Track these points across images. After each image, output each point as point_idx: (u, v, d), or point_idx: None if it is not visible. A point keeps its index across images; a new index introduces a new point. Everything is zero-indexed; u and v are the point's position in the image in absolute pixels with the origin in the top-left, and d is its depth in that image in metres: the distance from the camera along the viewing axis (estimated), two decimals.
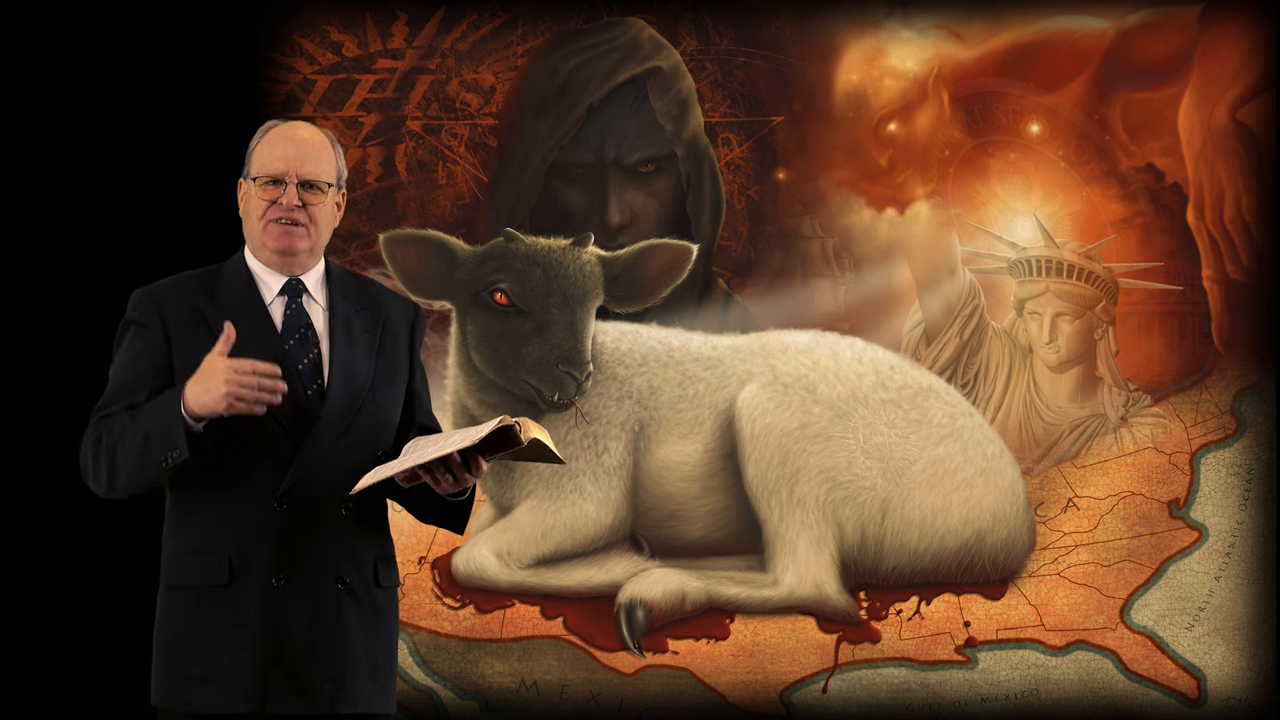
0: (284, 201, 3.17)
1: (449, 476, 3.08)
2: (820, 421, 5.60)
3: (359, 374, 3.20)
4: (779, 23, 5.80)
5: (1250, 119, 5.71)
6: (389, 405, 3.25)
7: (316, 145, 3.22)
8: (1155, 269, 5.75)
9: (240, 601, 3.11)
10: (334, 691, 3.14)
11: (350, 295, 3.28)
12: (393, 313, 3.31)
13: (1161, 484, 5.71)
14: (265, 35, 5.74)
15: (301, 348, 3.19)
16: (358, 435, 3.18)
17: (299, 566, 3.12)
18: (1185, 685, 5.60)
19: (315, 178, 3.19)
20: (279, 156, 3.18)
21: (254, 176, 3.20)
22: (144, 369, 3.14)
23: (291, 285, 3.23)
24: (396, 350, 3.30)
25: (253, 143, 3.24)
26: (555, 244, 5.56)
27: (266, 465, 3.11)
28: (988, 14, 5.78)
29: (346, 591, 3.15)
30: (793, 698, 5.61)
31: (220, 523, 3.12)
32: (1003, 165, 5.80)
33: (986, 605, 5.64)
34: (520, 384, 5.52)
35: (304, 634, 3.12)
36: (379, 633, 3.21)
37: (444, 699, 5.62)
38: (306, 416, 3.14)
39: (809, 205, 5.80)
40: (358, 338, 3.23)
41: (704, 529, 5.69)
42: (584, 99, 5.77)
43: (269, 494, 3.11)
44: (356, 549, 3.17)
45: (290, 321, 3.21)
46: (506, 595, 5.64)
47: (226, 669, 3.10)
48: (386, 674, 3.23)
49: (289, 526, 3.12)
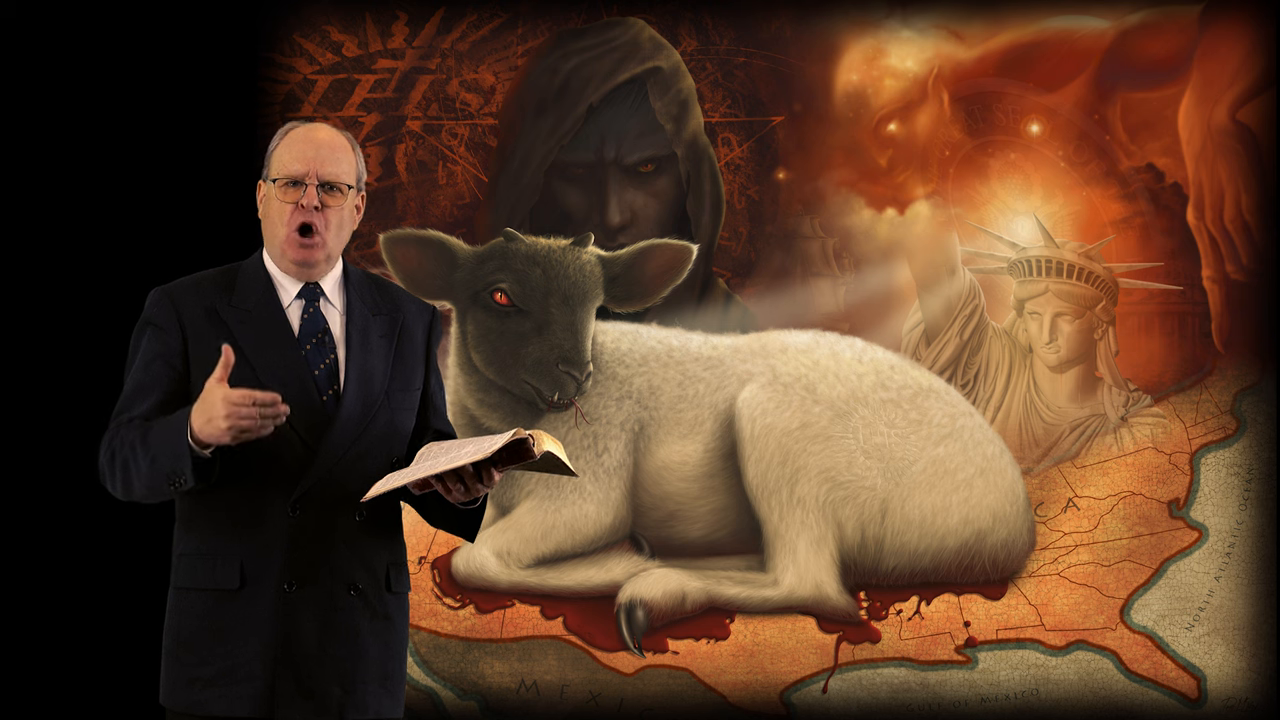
0: (304, 203, 3.16)
1: (460, 486, 3.08)
2: (820, 421, 5.60)
3: (375, 380, 3.19)
4: (779, 23, 5.80)
5: (1250, 119, 5.71)
6: (404, 412, 3.24)
7: (337, 147, 3.20)
8: (1155, 269, 5.75)
9: (252, 606, 3.10)
10: (344, 697, 3.13)
11: (368, 299, 3.26)
12: (410, 317, 3.30)
13: (1161, 484, 5.71)
14: (265, 35, 5.74)
15: (318, 352, 3.18)
16: (372, 442, 3.17)
17: (312, 572, 3.11)
18: (1185, 685, 5.60)
19: (335, 179, 3.18)
20: (299, 157, 3.17)
21: (274, 178, 3.18)
22: (160, 371, 3.13)
23: (309, 289, 3.22)
24: (413, 355, 3.29)
25: (272, 144, 3.22)
26: (555, 244, 5.57)
27: (281, 470, 3.10)
28: (988, 14, 5.78)
29: (359, 598, 3.15)
30: (793, 698, 5.61)
31: (233, 527, 3.11)
32: (1003, 165, 5.80)
33: (986, 605, 5.64)
34: (520, 384, 5.53)
35: (315, 640, 3.11)
36: (389, 639, 3.20)
37: (444, 699, 5.62)
38: (322, 422, 3.13)
39: (809, 205, 5.80)
40: (374, 343, 3.22)
41: (704, 529, 5.69)
42: (584, 99, 5.77)
43: (283, 499, 3.10)
44: (369, 555, 3.17)
45: (307, 326, 3.20)
46: (506, 595, 5.64)
47: (237, 673, 3.09)
48: (396, 680, 3.22)
49: (303, 532, 3.11)
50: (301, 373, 3.14)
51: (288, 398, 3.06)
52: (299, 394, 3.11)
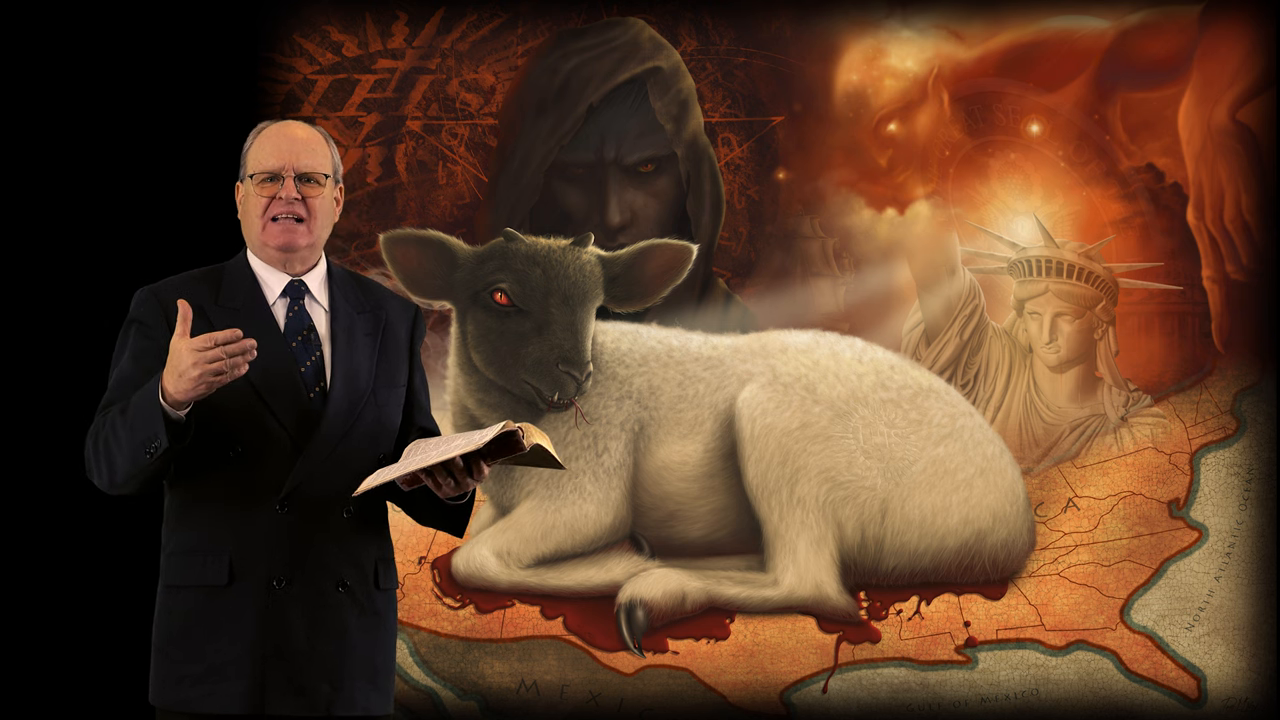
0: (283, 195, 3.17)
1: (450, 480, 3.08)
2: (820, 421, 5.60)
3: (361, 377, 3.20)
4: (779, 23, 5.80)
5: (1250, 119, 5.71)
6: (390, 409, 3.24)
7: (311, 140, 3.22)
8: (1155, 269, 5.75)
9: (240, 603, 3.11)
10: (332, 694, 3.14)
11: (352, 297, 3.27)
12: (393, 314, 3.31)
13: (1161, 484, 5.71)
14: (265, 35, 5.74)
15: (305, 350, 3.19)
16: (360, 439, 3.17)
17: (300, 569, 3.12)
18: (1185, 685, 5.60)
19: (312, 170, 3.19)
20: (273, 152, 3.18)
21: (250, 174, 3.20)
22: (148, 366, 3.14)
23: (294, 287, 3.22)
24: (397, 353, 3.29)
25: (246, 144, 3.24)
26: (555, 244, 5.56)
27: (268, 467, 3.11)
28: (988, 14, 5.78)
29: (347, 595, 3.15)
30: (793, 698, 5.61)
31: (221, 524, 3.12)
32: (1003, 165, 5.80)
33: (986, 605, 5.64)
34: (520, 384, 5.52)
35: (304, 637, 3.12)
36: (378, 635, 3.21)
37: (444, 699, 5.62)
38: (309, 420, 3.14)
39: (809, 205, 5.80)
40: (359, 341, 3.23)
41: (704, 529, 5.69)
42: (584, 99, 5.77)
43: (270, 496, 3.11)
44: (357, 552, 3.18)
45: (293, 323, 3.20)
46: (506, 595, 5.64)
47: (225, 670, 3.10)
48: (385, 676, 3.23)
49: (290, 529, 3.12)
50: (289, 369, 3.15)
51: (276, 394, 3.08)
52: (287, 391, 3.13)
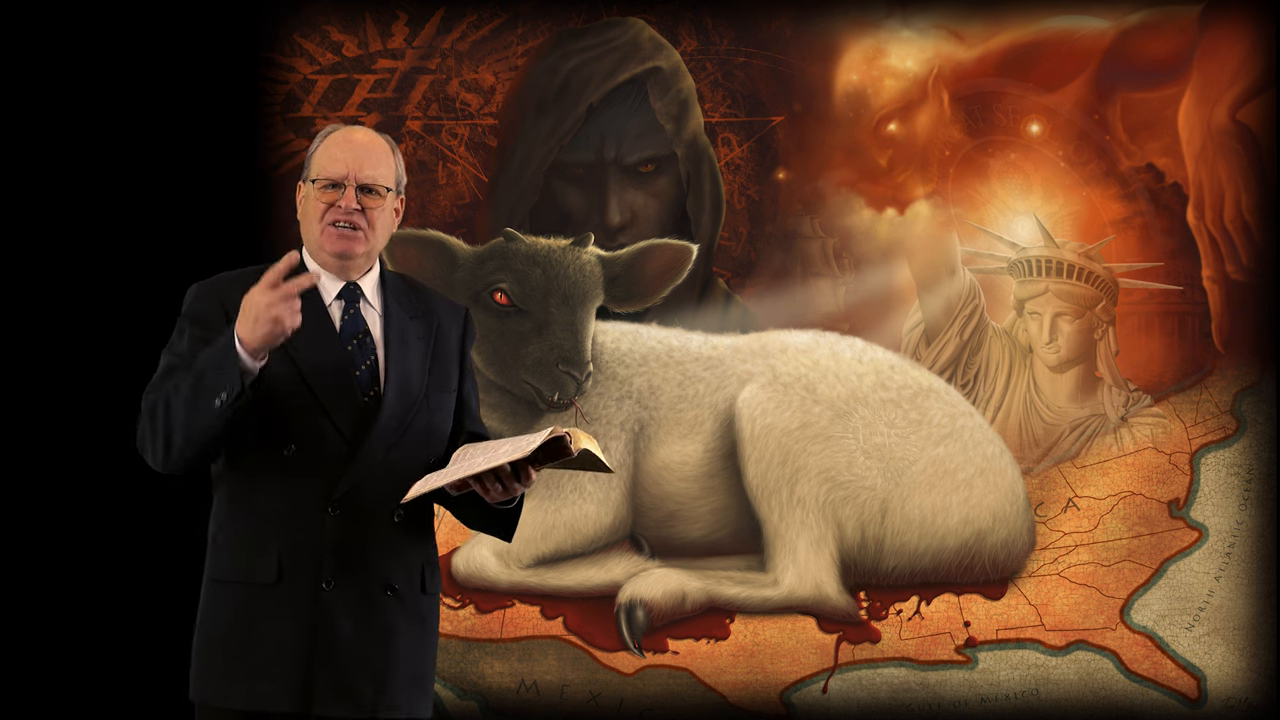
0: (343, 204, 3.18)
1: (498, 486, 3.09)
2: (820, 421, 5.60)
3: (413, 382, 3.21)
4: (779, 23, 5.80)
5: (1250, 119, 5.71)
6: (442, 414, 3.26)
7: (376, 149, 3.22)
8: (1155, 269, 5.75)
9: (288, 601, 3.11)
10: (377, 696, 3.15)
11: (405, 302, 3.29)
12: (445, 319, 3.32)
13: (1161, 484, 5.71)
14: (265, 35, 5.74)
15: (360, 353, 3.20)
16: (411, 444, 3.19)
17: (349, 571, 3.13)
18: (1185, 685, 5.60)
19: (374, 181, 3.20)
20: (338, 159, 3.19)
21: (313, 179, 3.21)
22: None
23: (349, 290, 3.24)
24: (448, 357, 3.30)
25: (312, 146, 3.25)
26: (555, 244, 5.57)
27: (321, 468, 3.12)
28: (988, 14, 5.78)
29: (395, 598, 3.16)
30: (793, 698, 5.61)
31: (271, 522, 3.12)
32: (1003, 165, 5.80)
33: (986, 605, 5.64)
34: (520, 384, 5.53)
35: (351, 638, 3.12)
36: (423, 638, 3.22)
37: (444, 699, 5.62)
38: (363, 423, 3.15)
39: (809, 205, 5.80)
40: (412, 345, 3.24)
41: (704, 529, 5.69)
42: (584, 99, 5.77)
43: (322, 497, 3.12)
44: (406, 555, 3.19)
45: (348, 327, 3.22)
46: (506, 595, 5.64)
47: (272, 668, 3.10)
48: (427, 680, 3.24)
49: (341, 531, 3.12)
50: (346, 372, 3.17)
51: (332, 396, 3.10)
52: (342, 394, 3.14)
